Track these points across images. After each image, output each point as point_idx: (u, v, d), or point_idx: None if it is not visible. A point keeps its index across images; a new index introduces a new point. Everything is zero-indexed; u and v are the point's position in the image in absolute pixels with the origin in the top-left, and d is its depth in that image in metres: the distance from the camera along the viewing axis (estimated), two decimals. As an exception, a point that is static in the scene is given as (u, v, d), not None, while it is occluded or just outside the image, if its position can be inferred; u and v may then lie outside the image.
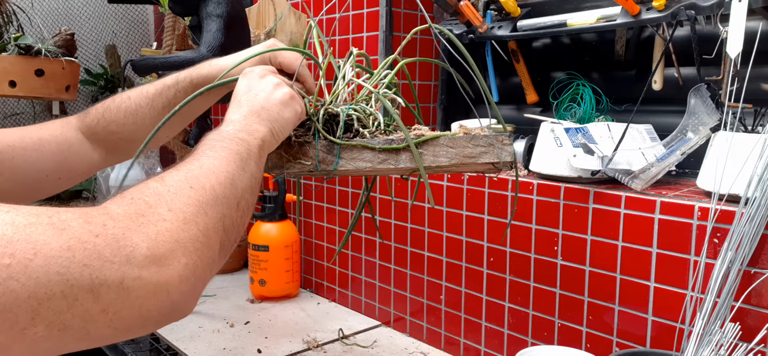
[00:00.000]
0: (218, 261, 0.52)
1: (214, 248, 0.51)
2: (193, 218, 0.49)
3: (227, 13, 1.21)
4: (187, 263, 0.46)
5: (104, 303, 0.41)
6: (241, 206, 0.56)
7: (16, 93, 1.61)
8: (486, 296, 1.13)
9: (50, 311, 0.38)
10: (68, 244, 0.40)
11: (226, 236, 0.53)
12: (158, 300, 0.44)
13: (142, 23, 2.28)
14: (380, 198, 1.33)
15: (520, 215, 1.05)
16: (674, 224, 0.86)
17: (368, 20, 1.37)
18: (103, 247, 0.41)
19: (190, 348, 1.24)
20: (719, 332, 0.77)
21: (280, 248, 1.49)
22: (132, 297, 0.42)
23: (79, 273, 0.39)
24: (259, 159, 0.63)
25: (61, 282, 0.38)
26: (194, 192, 0.51)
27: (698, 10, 0.93)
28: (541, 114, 1.17)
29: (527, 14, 1.21)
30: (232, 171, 0.57)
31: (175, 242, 0.46)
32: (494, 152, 0.68)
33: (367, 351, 1.24)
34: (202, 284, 0.49)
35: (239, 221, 0.56)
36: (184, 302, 0.47)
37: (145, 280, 0.43)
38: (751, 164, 0.80)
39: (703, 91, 0.98)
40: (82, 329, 0.40)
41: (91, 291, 0.40)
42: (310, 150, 0.70)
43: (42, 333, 0.38)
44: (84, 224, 0.42)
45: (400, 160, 0.69)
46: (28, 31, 1.75)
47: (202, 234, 0.49)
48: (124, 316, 0.42)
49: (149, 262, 0.44)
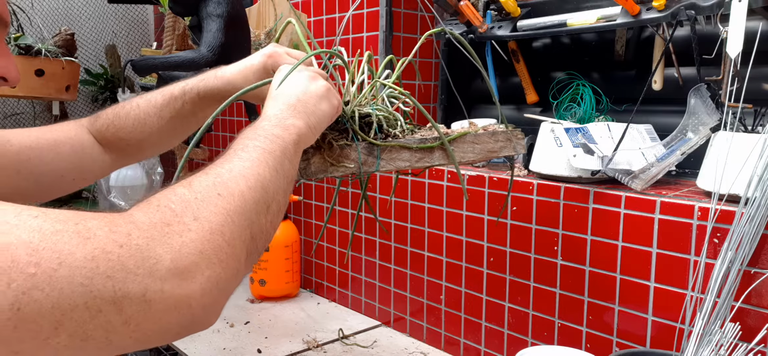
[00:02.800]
0: (243, 271, 0.51)
1: (240, 258, 0.50)
2: (219, 229, 0.48)
3: (227, 13, 1.21)
4: (210, 275, 0.46)
5: (126, 316, 0.40)
6: (271, 210, 0.55)
7: (16, 93, 1.61)
8: (486, 296, 1.13)
9: (73, 322, 0.38)
10: (93, 254, 0.39)
11: (253, 244, 0.52)
12: (180, 313, 0.44)
13: (142, 23, 2.28)
14: (380, 198, 1.33)
15: (520, 215, 1.05)
16: (674, 224, 0.86)
17: (368, 20, 1.37)
18: (127, 258, 0.41)
19: (190, 348, 1.24)
20: (719, 332, 0.77)
21: (280, 248, 1.49)
22: (154, 310, 0.42)
23: (102, 284, 0.39)
24: (294, 156, 0.62)
25: (84, 294, 0.38)
26: (222, 200, 0.50)
27: (698, 10, 0.93)
28: (541, 114, 1.17)
29: (527, 14, 1.21)
30: (264, 174, 0.55)
31: (199, 254, 0.45)
32: (512, 146, 0.77)
33: (367, 351, 1.24)
34: (225, 296, 0.49)
35: (268, 226, 0.55)
36: (205, 315, 0.46)
37: (167, 293, 0.42)
38: (751, 164, 0.80)
39: (703, 91, 0.97)
40: (104, 339, 0.40)
41: (113, 303, 0.40)
42: (352, 153, 0.71)
43: (64, 343, 0.38)
44: (109, 233, 0.41)
45: (434, 157, 0.74)
46: (28, 31, 1.76)
47: (227, 245, 0.48)
48: (146, 328, 0.42)
49: (172, 275, 0.43)
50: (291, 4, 1.54)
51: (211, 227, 0.47)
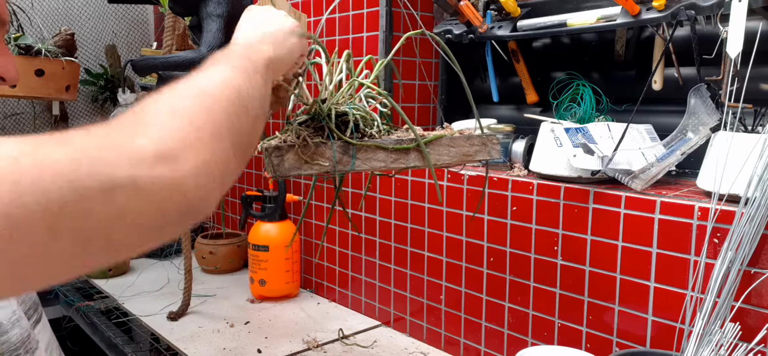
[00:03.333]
0: (234, 163, 0.51)
1: (227, 149, 0.50)
2: (200, 121, 0.48)
3: (227, 13, 1.21)
4: (198, 160, 0.46)
5: (120, 207, 0.40)
6: (250, 112, 0.55)
7: (16, 93, 1.61)
8: (486, 296, 1.13)
9: (68, 223, 0.38)
10: (74, 155, 0.40)
11: (238, 138, 0.52)
12: (175, 200, 0.44)
13: (142, 23, 2.28)
14: (380, 198, 1.33)
15: (520, 215, 1.05)
16: (674, 224, 0.86)
17: (368, 20, 1.37)
18: (108, 152, 0.41)
19: (190, 348, 1.24)
20: (719, 332, 0.77)
21: (280, 248, 1.49)
22: (147, 197, 0.42)
23: (88, 179, 0.39)
24: (265, 74, 0.62)
25: (72, 191, 0.38)
26: (199, 99, 0.50)
27: (698, 10, 0.93)
28: (541, 114, 1.17)
29: (527, 14, 1.21)
30: (238, 81, 0.56)
31: (183, 141, 0.45)
32: (487, 151, 0.78)
33: (367, 351, 1.24)
34: (219, 184, 0.48)
35: (250, 127, 0.55)
36: (200, 200, 0.46)
37: (157, 178, 0.42)
38: (751, 164, 0.80)
39: (703, 91, 0.98)
40: (105, 238, 0.40)
41: (103, 195, 0.40)
42: (327, 151, 0.71)
43: (67, 249, 0.39)
44: (86, 136, 0.42)
45: (410, 159, 0.74)
46: (28, 31, 1.76)
47: (210, 135, 0.48)
48: (144, 219, 0.42)
49: (159, 160, 0.43)
50: (290, 4, 1.54)
51: (192, 119, 0.47)
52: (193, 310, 1.45)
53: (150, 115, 0.47)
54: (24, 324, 0.70)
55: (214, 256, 1.72)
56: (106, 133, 0.43)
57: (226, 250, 1.72)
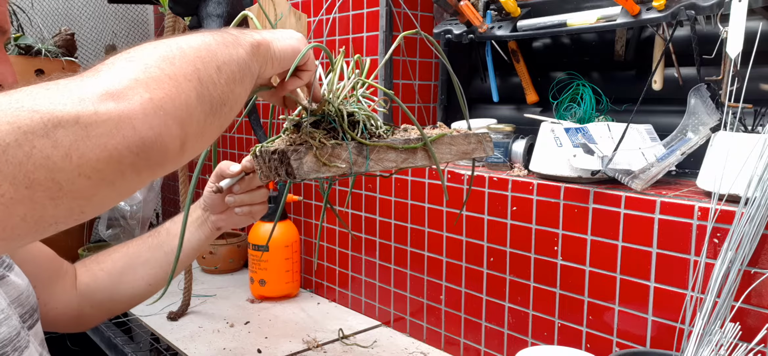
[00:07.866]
0: (198, 110, 0.49)
1: (188, 93, 0.48)
2: (155, 65, 0.46)
3: (227, 13, 1.21)
4: (150, 98, 0.44)
5: (64, 147, 0.39)
6: (222, 72, 0.53)
7: (16, 93, 1.60)
8: (486, 296, 1.13)
9: (8, 164, 0.37)
10: (17, 98, 0.39)
11: (202, 88, 0.49)
12: (123, 135, 0.42)
13: (142, 23, 2.28)
14: (380, 198, 1.33)
15: (520, 215, 1.05)
16: (674, 224, 0.86)
17: (368, 20, 1.37)
18: (53, 92, 0.41)
19: (190, 348, 1.24)
20: (719, 332, 0.77)
21: (280, 248, 1.49)
22: (93, 135, 0.40)
23: (29, 117, 0.38)
24: (250, 51, 0.59)
25: (12, 131, 0.38)
26: (158, 49, 0.48)
27: (698, 10, 0.93)
28: (541, 114, 1.17)
29: (527, 14, 1.21)
30: (215, 46, 0.53)
31: (134, 80, 0.44)
32: (482, 148, 0.82)
33: (367, 351, 1.24)
34: (178, 124, 0.46)
35: (221, 82, 0.52)
36: (156, 137, 0.44)
37: (102, 114, 0.41)
38: (751, 164, 0.80)
39: (703, 91, 0.98)
40: (51, 181, 0.39)
41: (46, 133, 0.39)
42: (343, 153, 0.72)
43: (10, 194, 0.38)
44: (40, 85, 0.41)
45: (417, 158, 0.77)
46: (28, 31, 1.76)
47: (167, 77, 0.46)
48: (91, 159, 0.40)
49: (105, 98, 0.42)
50: (290, 4, 1.54)
51: (147, 64, 0.46)
52: (193, 310, 1.45)
53: (107, 64, 0.46)
54: (12, 323, 0.69)
55: (214, 256, 1.72)
56: (57, 82, 0.42)
57: (225, 250, 1.72)
